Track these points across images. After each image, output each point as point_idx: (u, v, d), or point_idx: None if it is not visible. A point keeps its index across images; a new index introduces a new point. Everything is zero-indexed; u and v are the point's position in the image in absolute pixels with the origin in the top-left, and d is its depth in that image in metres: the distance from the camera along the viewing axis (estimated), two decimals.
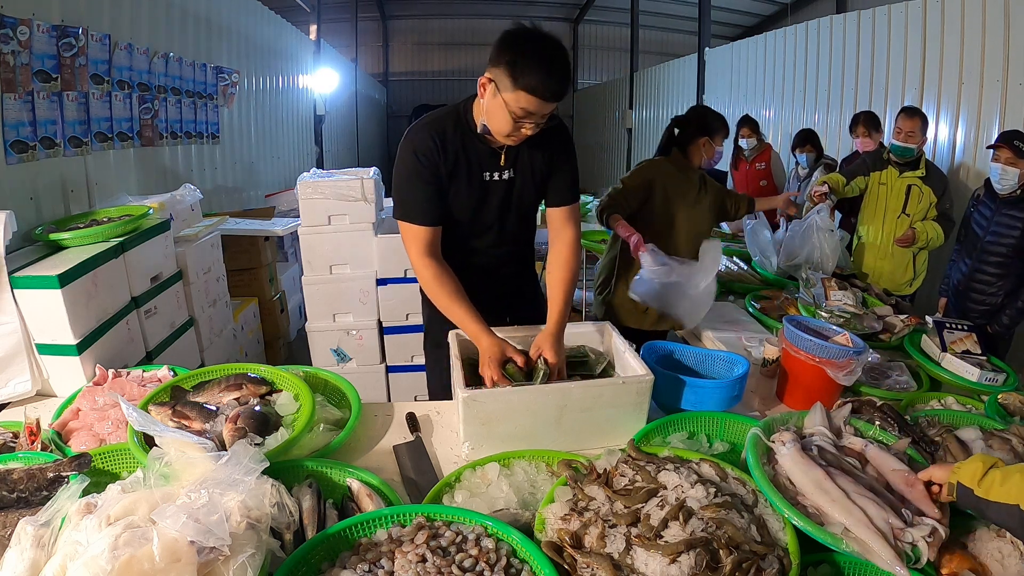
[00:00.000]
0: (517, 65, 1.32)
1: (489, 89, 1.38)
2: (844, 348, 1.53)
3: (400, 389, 3.08)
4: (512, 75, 1.32)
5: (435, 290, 1.53)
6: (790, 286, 2.51)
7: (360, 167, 3.25)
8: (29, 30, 2.17)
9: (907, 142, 2.89)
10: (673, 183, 2.30)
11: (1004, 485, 0.93)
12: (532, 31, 1.37)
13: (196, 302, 2.63)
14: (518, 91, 1.33)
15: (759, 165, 4.48)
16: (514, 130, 1.40)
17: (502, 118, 1.38)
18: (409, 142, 1.52)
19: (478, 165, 1.54)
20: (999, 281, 2.59)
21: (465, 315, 1.49)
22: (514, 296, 1.82)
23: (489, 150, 1.53)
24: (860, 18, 4.73)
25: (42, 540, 0.91)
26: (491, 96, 1.38)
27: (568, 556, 0.98)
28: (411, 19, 14.35)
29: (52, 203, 2.38)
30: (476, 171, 1.54)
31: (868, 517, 1.00)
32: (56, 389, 1.71)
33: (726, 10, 11.00)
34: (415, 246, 1.54)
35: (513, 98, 1.34)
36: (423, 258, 1.53)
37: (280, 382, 1.50)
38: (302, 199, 2.82)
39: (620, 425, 1.36)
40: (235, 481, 0.97)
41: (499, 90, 1.36)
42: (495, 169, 1.55)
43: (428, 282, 1.54)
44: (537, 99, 1.34)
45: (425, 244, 1.53)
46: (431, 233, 1.53)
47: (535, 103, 1.34)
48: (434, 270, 1.52)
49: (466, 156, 1.52)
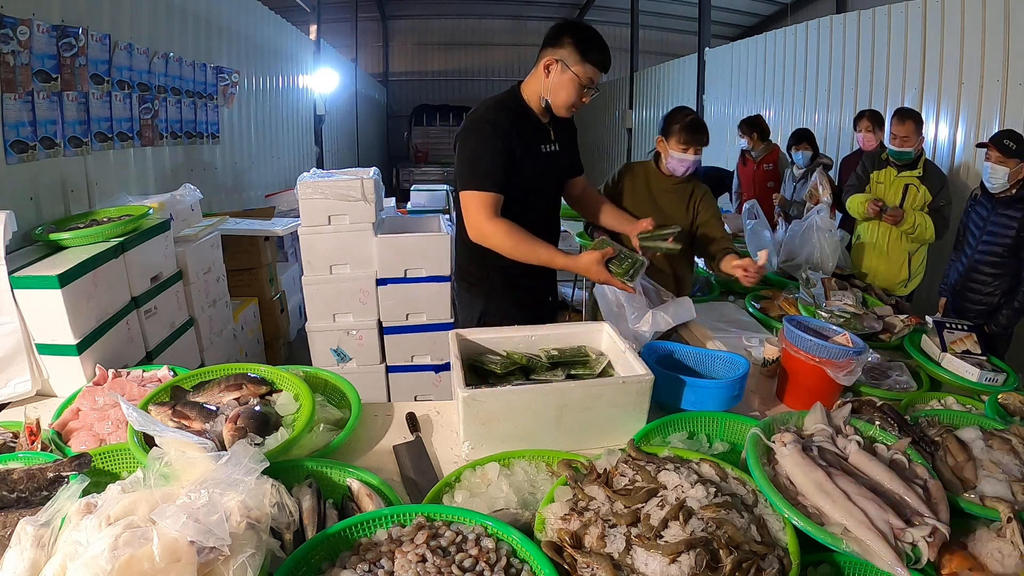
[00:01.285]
0: (583, 43, 1.66)
1: (556, 68, 1.69)
2: (844, 348, 1.52)
3: (400, 389, 3.08)
4: (581, 51, 1.66)
5: (514, 240, 1.69)
6: (790, 286, 2.51)
7: (360, 167, 3.25)
8: (29, 30, 2.17)
9: (903, 147, 2.90)
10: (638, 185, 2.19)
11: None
12: (580, 22, 1.73)
13: (196, 302, 2.63)
14: (586, 63, 1.67)
15: (767, 166, 4.44)
16: (579, 100, 1.72)
17: (571, 89, 1.69)
18: (482, 120, 1.73)
19: (538, 139, 1.81)
20: (995, 281, 2.59)
21: (550, 252, 1.71)
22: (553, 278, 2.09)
23: (542, 127, 1.81)
24: (860, 18, 4.73)
25: (42, 540, 0.91)
26: (559, 73, 1.69)
27: (568, 556, 0.97)
28: (411, 19, 14.36)
29: (52, 203, 2.38)
30: (536, 144, 1.80)
31: (868, 518, 1.00)
32: (56, 389, 1.71)
33: (726, 10, 11.00)
34: (485, 211, 1.70)
35: (582, 70, 1.67)
36: (492, 220, 1.70)
37: (280, 382, 1.50)
38: (302, 199, 2.82)
39: (620, 425, 1.36)
40: (235, 481, 0.96)
41: (568, 65, 1.67)
42: (548, 142, 1.84)
43: (505, 238, 1.69)
44: (598, 70, 1.69)
45: (493, 209, 1.71)
46: (497, 200, 1.71)
47: (597, 73, 1.69)
48: (505, 226, 1.70)
49: (530, 132, 1.78)
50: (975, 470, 1.21)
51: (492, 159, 1.70)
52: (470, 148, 1.73)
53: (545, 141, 1.82)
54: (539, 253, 1.70)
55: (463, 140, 1.75)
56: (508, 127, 1.71)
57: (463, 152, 1.74)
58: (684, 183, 2.20)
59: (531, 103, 1.78)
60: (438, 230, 3.10)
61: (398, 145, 14.02)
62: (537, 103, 1.78)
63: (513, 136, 1.72)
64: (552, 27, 1.71)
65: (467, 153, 1.73)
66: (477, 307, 1.93)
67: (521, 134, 1.74)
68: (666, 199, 2.19)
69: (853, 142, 4.16)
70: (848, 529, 1.00)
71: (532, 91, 1.77)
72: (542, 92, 1.73)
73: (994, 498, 1.11)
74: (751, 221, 2.89)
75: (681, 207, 2.19)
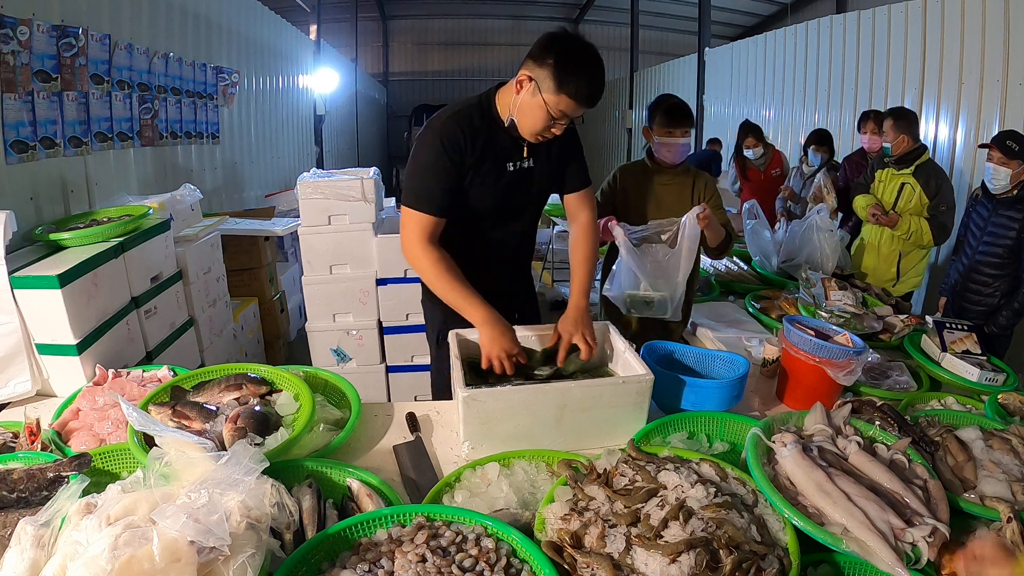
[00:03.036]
0: (563, 69, 1.37)
1: (528, 87, 1.42)
2: (844, 348, 1.53)
3: (400, 389, 3.08)
4: (557, 78, 1.37)
5: (437, 275, 1.52)
6: (790, 286, 2.51)
7: (360, 167, 3.25)
8: (29, 30, 2.17)
9: (884, 142, 3.00)
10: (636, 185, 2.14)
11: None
12: (576, 37, 1.41)
13: (196, 302, 2.63)
14: (561, 95, 1.38)
15: (774, 172, 4.38)
16: (545, 129, 1.46)
17: (538, 116, 1.43)
18: (434, 131, 1.52)
19: (503, 155, 1.57)
20: (996, 282, 2.59)
21: (468, 299, 1.49)
22: (519, 292, 1.86)
23: (512, 141, 1.56)
24: (860, 18, 4.73)
25: (42, 540, 0.91)
26: (529, 94, 1.42)
27: (568, 556, 0.97)
28: (411, 19, 14.37)
29: (52, 203, 2.38)
30: (501, 161, 1.57)
31: (869, 518, 1.00)
32: (56, 389, 1.71)
33: (726, 10, 11.01)
34: (417, 233, 1.52)
35: (555, 100, 1.39)
36: (424, 244, 1.52)
37: (280, 382, 1.50)
38: (302, 199, 2.83)
39: (620, 425, 1.36)
40: (235, 481, 0.96)
41: (540, 90, 1.40)
42: (518, 159, 1.59)
43: (429, 268, 1.52)
44: (577, 104, 1.40)
45: (429, 233, 1.53)
46: (437, 224, 1.54)
47: (574, 107, 1.41)
48: (435, 255, 1.52)
49: (492, 147, 1.55)
50: (975, 470, 1.21)
51: (438, 180, 1.51)
52: (419, 162, 1.53)
53: (514, 158, 1.58)
54: (456, 295, 1.50)
55: (415, 148, 1.55)
56: (464, 143, 1.50)
57: (412, 162, 1.55)
58: (684, 174, 2.13)
59: (503, 114, 1.53)
60: None
61: (398, 145, 14.04)
62: (506, 117, 1.53)
63: (467, 154, 1.51)
64: (543, 36, 1.42)
65: (415, 166, 1.54)
66: (436, 321, 1.77)
67: (481, 149, 1.53)
68: (667, 192, 2.12)
69: (854, 141, 4.16)
70: (848, 529, 1.00)
71: (504, 102, 1.52)
72: (510, 108, 1.48)
73: (994, 498, 1.11)
74: (751, 221, 2.89)
75: (684, 199, 2.12)
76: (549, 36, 1.42)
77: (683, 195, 2.12)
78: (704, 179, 2.17)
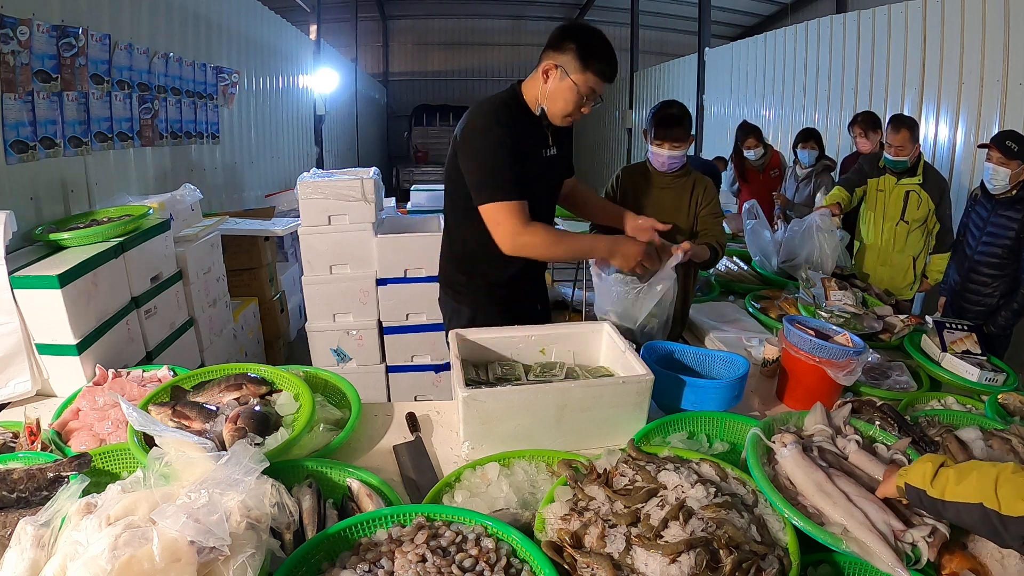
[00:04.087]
0: (585, 50, 1.53)
1: (555, 74, 1.56)
2: (844, 348, 1.53)
3: (400, 389, 3.08)
4: (582, 59, 1.53)
5: (554, 242, 1.64)
6: (790, 286, 2.51)
7: (360, 167, 3.25)
8: (29, 30, 2.17)
9: (898, 156, 2.88)
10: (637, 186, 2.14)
11: (961, 484, 0.90)
12: (588, 25, 1.62)
13: (196, 302, 2.63)
14: (587, 72, 1.54)
15: (773, 172, 4.37)
16: (576, 110, 1.61)
17: (569, 99, 1.57)
18: (493, 123, 1.59)
19: (540, 143, 1.71)
20: (994, 282, 2.59)
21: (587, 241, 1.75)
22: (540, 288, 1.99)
23: (541, 130, 1.70)
24: (860, 18, 4.73)
25: (42, 540, 0.91)
26: (557, 80, 1.56)
27: (568, 556, 0.97)
28: (411, 19, 14.35)
29: (52, 203, 2.38)
30: (538, 148, 1.70)
31: (869, 519, 1.00)
32: (56, 389, 1.71)
33: (726, 10, 10.99)
34: (514, 223, 1.57)
35: (582, 79, 1.55)
36: (525, 228, 1.58)
37: (280, 382, 1.50)
38: (302, 199, 2.83)
39: (620, 425, 1.36)
40: (235, 481, 0.96)
41: (567, 73, 1.54)
42: (547, 146, 1.73)
43: (542, 243, 1.61)
44: (602, 80, 1.57)
45: (525, 217, 1.59)
46: (526, 206, 1.60)
47: (599, 83, 1.57)
48: (538, 229, 1.60)
49: (530, 136, 1.67)
50: None
51: (511, 168, 1.57)
52: (485, 154, 1.58)
53: (545, 145, 1.71)
54: (579, 247, 1.75)
55: (471, 143, 1.60)
56: (516, 132, 1.60)
57: (476, 158, 1.60)
58: (683, 177, 2.12)
59: (531, 105, 1.66)
60: (438, 230, 3.09)
61: (398, 145, 14.04)
62: (536, 107, 1.66)
63: (519, 142, 1.60)
64: (556, 29, 1.59)
65: (482, 159, 1.59)
66: (464, 315, 1.84)
67: (524, 139, 1.63)
68: (666, 195, 2.12)
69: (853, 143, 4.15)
70: (848, 529, 1.00)
71: (531, 95, 1.64)
72: (539, 98, 1.61)
73: None
74: (751, 221, 2.89)
75: (682, 202, 2.12)
76: (564, 27, 1.59)
77: (682, 199, 2.12)
78: (704, 184, 2.14)
